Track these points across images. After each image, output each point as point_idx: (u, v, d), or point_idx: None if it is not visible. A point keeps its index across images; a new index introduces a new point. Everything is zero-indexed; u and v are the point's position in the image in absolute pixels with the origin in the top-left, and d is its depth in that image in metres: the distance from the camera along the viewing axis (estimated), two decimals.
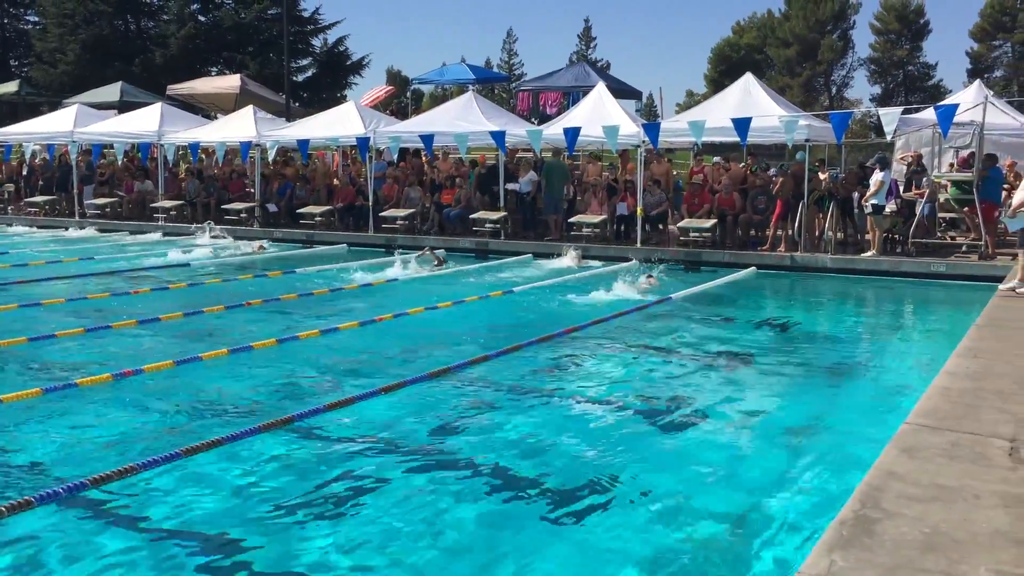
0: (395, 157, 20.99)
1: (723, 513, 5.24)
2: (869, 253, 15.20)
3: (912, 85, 64.09)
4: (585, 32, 77.57)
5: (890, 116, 15.03)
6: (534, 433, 6.72)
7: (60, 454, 6.17)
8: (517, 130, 19.13)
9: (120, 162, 25.30)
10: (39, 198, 24.24)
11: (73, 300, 11.96)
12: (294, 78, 42.92)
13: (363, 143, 19.80)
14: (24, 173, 25.79)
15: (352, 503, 5.37)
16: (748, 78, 18.13)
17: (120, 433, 6.57)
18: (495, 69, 71.06)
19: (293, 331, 10.06)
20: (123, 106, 28.70)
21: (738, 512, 5.26)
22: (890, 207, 15.21)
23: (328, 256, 17.45)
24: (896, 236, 15.74)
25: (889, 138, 15.80)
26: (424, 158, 22.00)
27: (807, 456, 6.25)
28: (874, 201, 14.90)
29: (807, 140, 15.80)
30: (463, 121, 19.42)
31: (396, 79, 63.51)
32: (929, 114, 16.53)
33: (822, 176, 16.26)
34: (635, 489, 5.60)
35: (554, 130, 18.20)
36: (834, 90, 67.38)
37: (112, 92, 31.36)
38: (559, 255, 16.39)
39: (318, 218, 20.25)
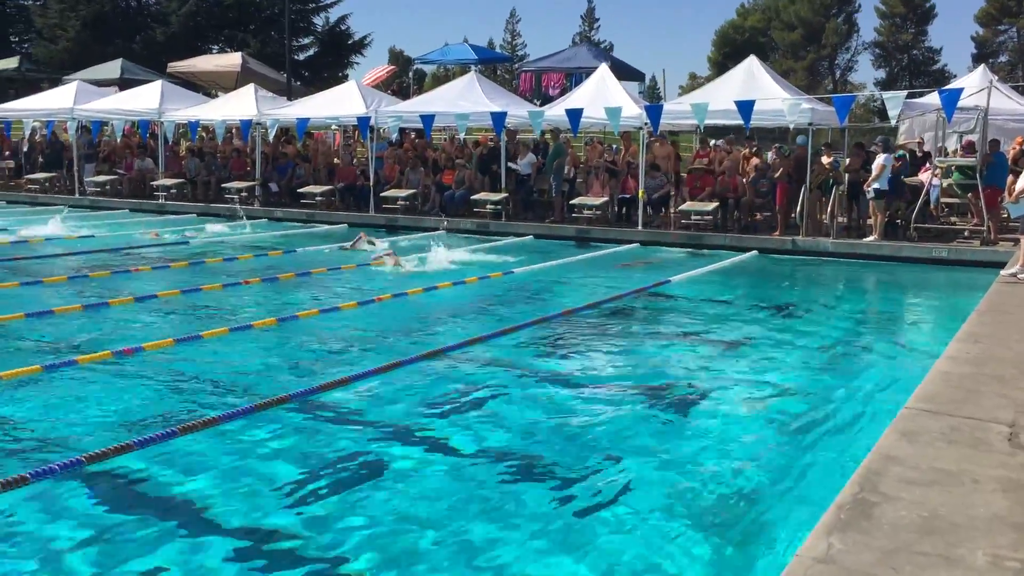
0: (394, 137, 20.88)
1: (724, 496, 5.22)
2: (871, 238, 15.15)
3: (917, 69, 63.77)
4: (588, 13, 77.14)
5: (894, 100, 14.97)
6: (532, 416, 6.69)
7: (56, 431, 6.16)
8: (519, 111, 19.04)
9: (119, 139, 25.20)
10: (39, 175, 24.19)
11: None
12: (295, 57, 42.73)
13: (364, 123, 19.72)
14: (25, 149, 25.70)
15: (348, 484, 5.36)
16: (752, 61, 18.00)
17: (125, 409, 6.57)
18: (498, 49, 70.75)
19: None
20: (123, 83, 28.57)
21: (740, 495, 5.25)
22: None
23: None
24: (898, 221, 15.68)
25: (893, 122, 15.74)
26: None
27: (807, 439, 6.23)
28: (876, 186, 14.83)
29: (810, 124, 15.72)
30: (465, 101, 19.32)
31: (398, 59, 63.20)
32: (933, 98, 16.43)
33: (825, 160, 16.18)
34: (634, 474, 5.59)
35: (556, 111, 18.11)
36: (838, 74, 67.08)
37: (112, 69, 31.19)
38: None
39: (319, 198, 20.18)
